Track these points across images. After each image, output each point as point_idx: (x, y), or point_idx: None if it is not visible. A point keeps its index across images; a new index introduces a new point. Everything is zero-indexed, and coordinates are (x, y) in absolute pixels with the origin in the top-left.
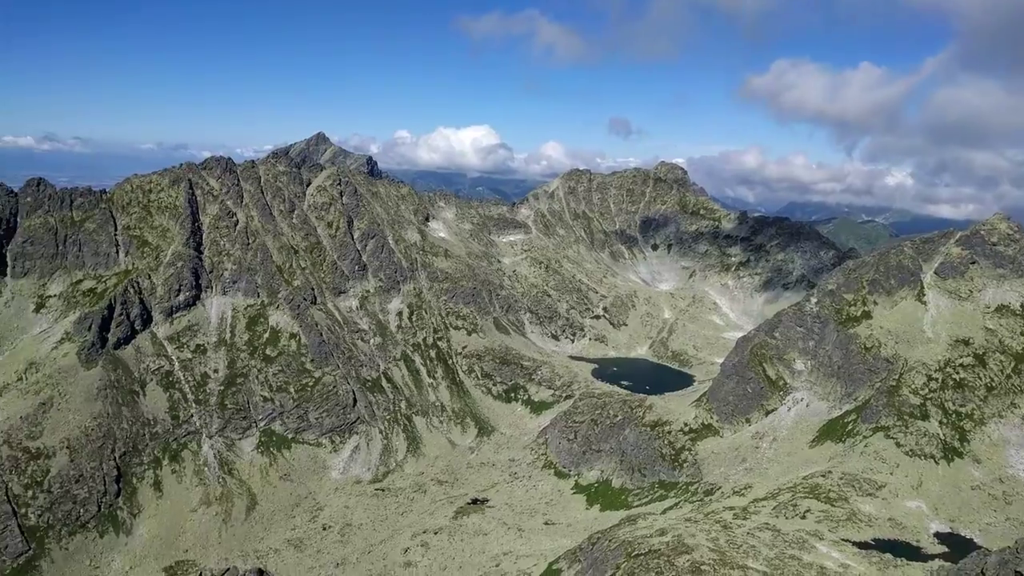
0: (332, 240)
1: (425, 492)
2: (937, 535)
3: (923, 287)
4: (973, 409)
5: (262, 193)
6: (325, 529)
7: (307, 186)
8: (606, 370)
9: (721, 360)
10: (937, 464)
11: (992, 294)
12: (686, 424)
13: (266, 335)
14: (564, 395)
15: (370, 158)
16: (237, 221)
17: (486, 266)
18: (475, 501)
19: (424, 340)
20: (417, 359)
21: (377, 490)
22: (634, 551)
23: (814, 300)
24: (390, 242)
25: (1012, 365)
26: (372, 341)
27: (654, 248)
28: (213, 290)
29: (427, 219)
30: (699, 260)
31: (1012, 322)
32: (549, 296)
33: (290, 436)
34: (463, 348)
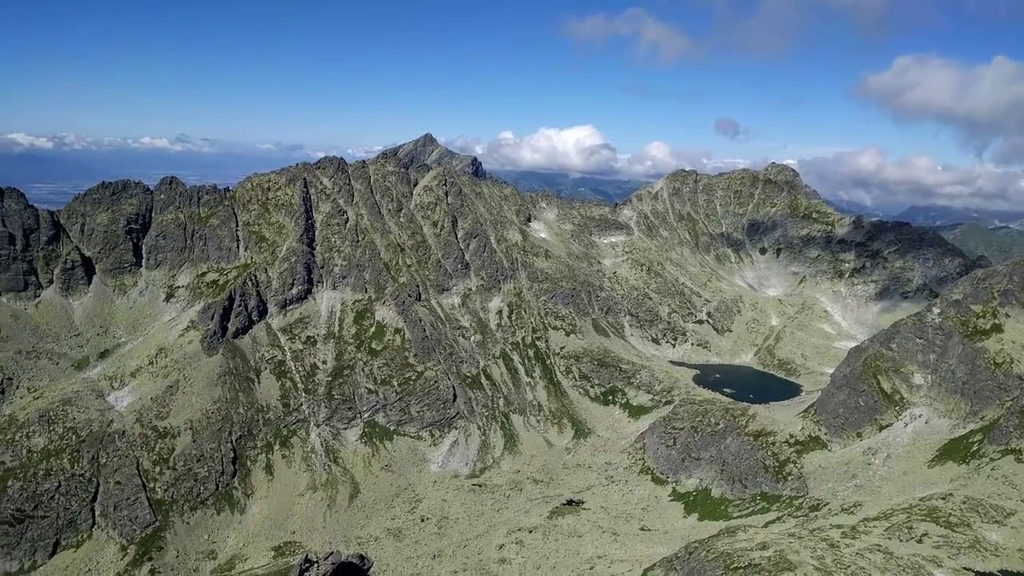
0: (437, 239)
1: (521, 490)
2: None
3: None
4: None
5: (371, 192)
6: (423, 520)
7: (414, 186)
8: (708, 376)
9: (831, 370)
10: None
11: None
12: (792, 435)
13: (372, 329)
14: (663, 400)
15: (475, 159)
16: (347, 219)
17: (586, 267)
18: (570, 502)
19: (523, 339)
20: (515, 358)
21: (474, 485)
22: (733, 563)
23: (937, 310)
24: (492, 242)
25: None
26: (473, 338)
27: (762, 252)
28: (324, 285)
29: (529, 219)
30: (810, 266)
31: None
32: (650, 299)
33: (392, 428)
34: (561, 348)
